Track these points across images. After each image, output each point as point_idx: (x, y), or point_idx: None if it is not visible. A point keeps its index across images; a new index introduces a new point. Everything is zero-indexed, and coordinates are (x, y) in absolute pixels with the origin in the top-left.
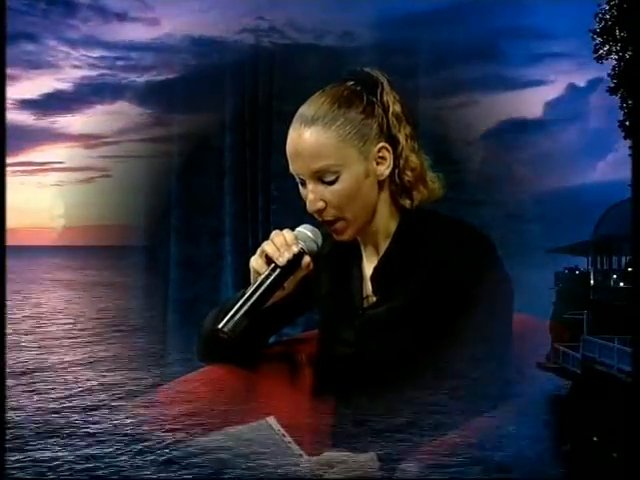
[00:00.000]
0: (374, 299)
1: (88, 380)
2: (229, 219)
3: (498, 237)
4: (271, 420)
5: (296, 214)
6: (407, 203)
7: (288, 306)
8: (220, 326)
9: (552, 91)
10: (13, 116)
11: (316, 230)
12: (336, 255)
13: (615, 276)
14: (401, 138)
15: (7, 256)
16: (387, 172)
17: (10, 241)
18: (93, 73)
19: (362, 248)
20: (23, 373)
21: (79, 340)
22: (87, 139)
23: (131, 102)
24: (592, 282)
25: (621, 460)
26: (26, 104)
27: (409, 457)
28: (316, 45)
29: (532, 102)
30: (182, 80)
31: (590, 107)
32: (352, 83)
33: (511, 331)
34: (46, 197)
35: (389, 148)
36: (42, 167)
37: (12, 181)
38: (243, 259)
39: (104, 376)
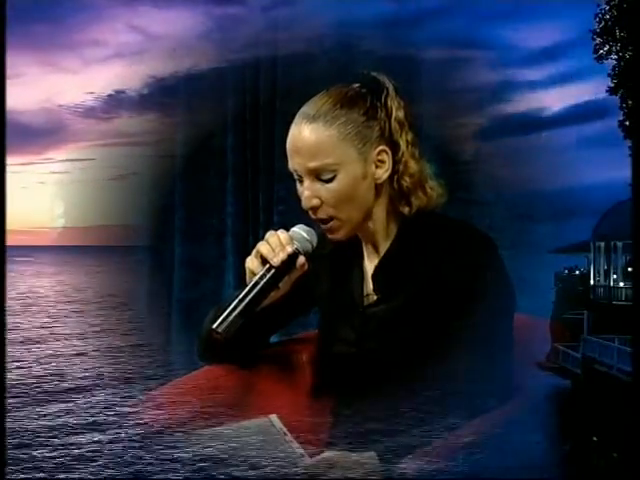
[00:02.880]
0: (375, 298)
1: (90, 380)
2: (231, 219)
3: (508, 237)
4: (273, 418)
5: (303, 215)
6: (405, 210)
7: (284, 307)
8: (214, 326)
9: (555, 93)
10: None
11: (311, 230)
12: (337, 253)
13: (615, 276)
14: (402, 144)
15: (7, 256)
16: (385, 176)
17: (10, 242)
18: (96, 74)
19: (363, 246)
20: (23, 372)
21: (82, 339)
22: (88, 141)
23: (133, 104)
24: (592, 282)
25: (621, 460)
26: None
27: (409, 457)
28: (323, 45)
29: (536, 104)
30: (185, 82)
31: (591, 108)
32: (357, 85)
33: (512, 331)
34: (46, 197)
35: (389, 152)
36: (44, 168)
37: (13, 182)
38: (244, 259)
39: (106, 375)
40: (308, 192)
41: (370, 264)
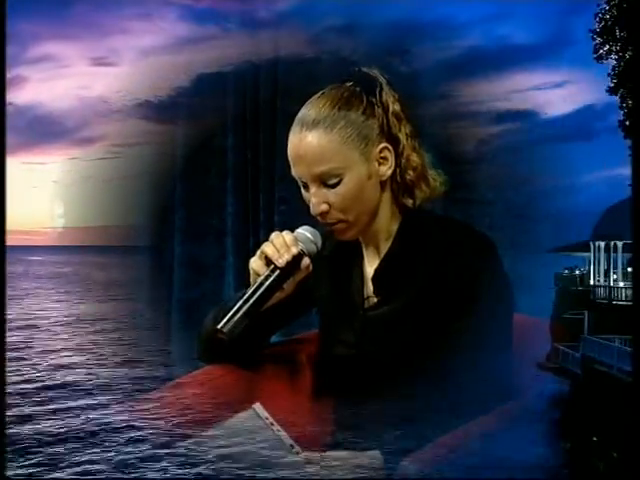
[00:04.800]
0: (375, 300)
1: (90, 379)
2: (231, 219)
3: (507, 236)
4: (257, 406)
5: (305, 215)
6: (409, 202)
7: (287, 307)
8: (219, 326)
9: (555, 93)
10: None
11: (316, 232)
12: (337, 256)
13: (615, 276)
14: (402, 137)
15: (7, 256)
16: (389, 172)
17: (11, 242)
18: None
19: (363, 248)
20: (23, 373)
21: (83, 339)
22: (90, 140)
23: (134, 105)
24: (592, 282)
25: (621, 460)
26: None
27: (409, 457)
28: (323, 45)
29: (536, 103)
30: (185, 82)
31: (591, 108)
32: (351, 84)
33: (511, 331)
34: (46, 197)
35: (390, 148)
36: (44, 168)
37: (13, 183)
38: (244, 259)
39: (107, 375)
40: (316, 199)
41: (370, 266)
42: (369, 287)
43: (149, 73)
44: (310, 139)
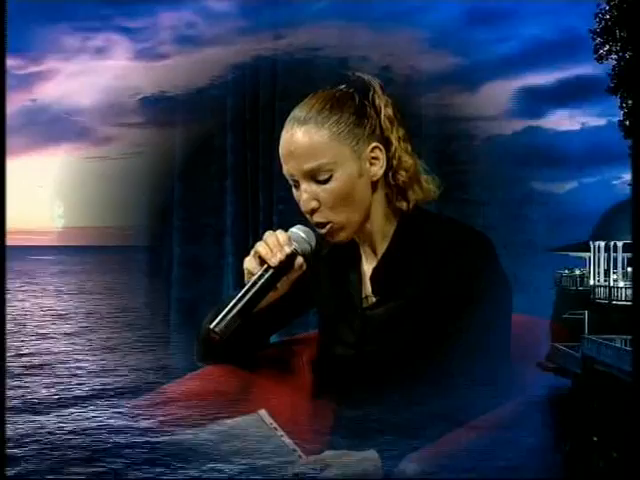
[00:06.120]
0: (374, 300)
1: (88, 379)
2: (230, 219)
3: (503, 237)
4: (262, 413)
5: (303, 215)
6: (403, 205)
7: (282, 307)
8: (212, 326)
9: (554, 93)
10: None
11: (310, 231)
12: (335, 255)
13: (615, 276)
14: (393, 140)
15: (7, 256)
16: (380, 172)
17: (11, 242)
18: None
19: (361, 248)
20: (22, 374)
21: (82, 338)
22: (91, 139)
23: (132, 105)
24: (592, 282)
25: (621, 460)
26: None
27: (408, 457)
28: (321, 45)
29: (534, 103)
30: (185, 83)
31: (590, 107)
32: (344, 86)
33: (510, 330)
34: (45, 198)
35: (382, 148)
36: (49, 166)
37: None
38: (243, 259)
39: (105, 374)
40: (306, 195)
41: (368, 266)
42: (367, 286)
43: (149, 74)
44: (301, 134)
